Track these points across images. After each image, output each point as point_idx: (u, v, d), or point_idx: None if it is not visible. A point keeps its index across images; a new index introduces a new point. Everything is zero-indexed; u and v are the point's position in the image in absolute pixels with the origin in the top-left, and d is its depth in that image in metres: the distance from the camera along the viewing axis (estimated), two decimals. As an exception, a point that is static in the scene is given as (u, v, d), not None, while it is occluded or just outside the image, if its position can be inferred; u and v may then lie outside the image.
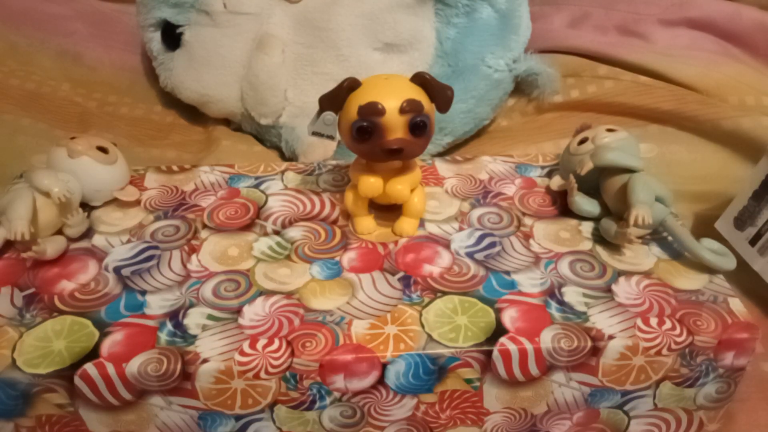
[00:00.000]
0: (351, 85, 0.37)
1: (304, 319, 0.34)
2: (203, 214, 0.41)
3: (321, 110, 0.38)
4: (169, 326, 0.33)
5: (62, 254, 0.37)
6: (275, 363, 0.32)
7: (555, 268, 0.37)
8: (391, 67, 0.59)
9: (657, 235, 0.40)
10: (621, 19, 0.70)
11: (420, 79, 0.37)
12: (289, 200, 0.43)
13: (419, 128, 0.36)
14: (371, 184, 0.38)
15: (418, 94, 0.36)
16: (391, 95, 0.36)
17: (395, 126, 0.36)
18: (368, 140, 0.36)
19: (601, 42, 0.67)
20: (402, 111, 0.35)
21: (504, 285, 0.36)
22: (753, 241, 0.44)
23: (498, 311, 0.34)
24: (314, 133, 0.39)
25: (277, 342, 0.32)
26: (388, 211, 0.40)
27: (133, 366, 0.31)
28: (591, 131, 0.43)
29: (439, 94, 0.37)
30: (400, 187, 0.38)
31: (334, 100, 0.37)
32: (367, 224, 0.40)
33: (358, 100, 0.36)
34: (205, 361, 0.31)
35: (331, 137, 0.39)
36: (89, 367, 0.31)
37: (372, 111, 0.35)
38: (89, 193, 0.41)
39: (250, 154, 0.61)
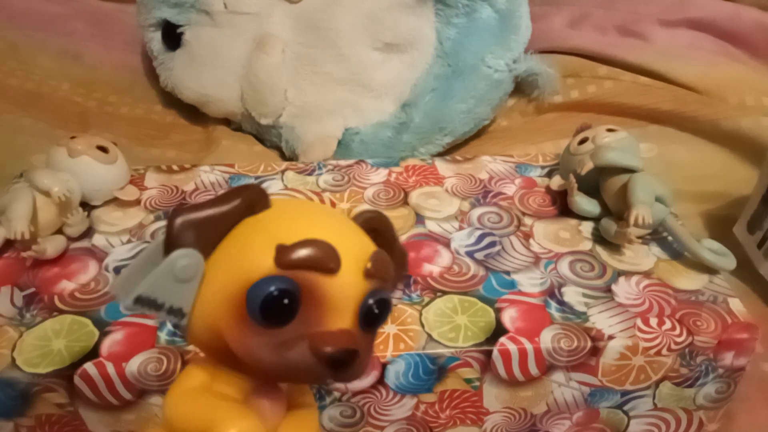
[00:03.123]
0: (251, 202, 0.19)
1: (304, 319, 0.33)
2: (203, 214, 0.41)
3: (168, 245, 0.18)
4: (169, 325, 0.33)
5: (62, 254, 0.37)
6: (275, 363, 0.31)
7: (555, 268, 0.37)
8: (391, 67, 0.59)
9: (657, 235, 0.40)
10: (621, 19, 0.70)
11: (372, 222, 0.21)
12: (289, 200, 0.43)
13: (380, 313, 0.19)
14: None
15: (372, 246, 0.20)
16: (346, 241, 0.19)
17: (346, 302, 0.19)
18: (284, 325, 0.18)
19: (601, 42, 0.67)
20: (368, 274, 0.19)
21: (504, 285, 0.36)
22: (760, 245, 0.44)
23: (498, 311, 0.34)
24: (137, 300, 0.18)
25: (276, 342, 0.32)
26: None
27: (132, 365, 0.31)
28: (591, 131, 0.43)
29: (397, 249, 0.22)
30: None
31: (207, 227, 0.19)
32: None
33: (272, 233, 0.19)
34: (204, 360, 0.31)
35: (156, 312, 0.19)
36: (89, 367, 0.31)
37: (317, 260, 0.18)
38: (89, 192, 0.41)
39: (250, 154, 0.61)
